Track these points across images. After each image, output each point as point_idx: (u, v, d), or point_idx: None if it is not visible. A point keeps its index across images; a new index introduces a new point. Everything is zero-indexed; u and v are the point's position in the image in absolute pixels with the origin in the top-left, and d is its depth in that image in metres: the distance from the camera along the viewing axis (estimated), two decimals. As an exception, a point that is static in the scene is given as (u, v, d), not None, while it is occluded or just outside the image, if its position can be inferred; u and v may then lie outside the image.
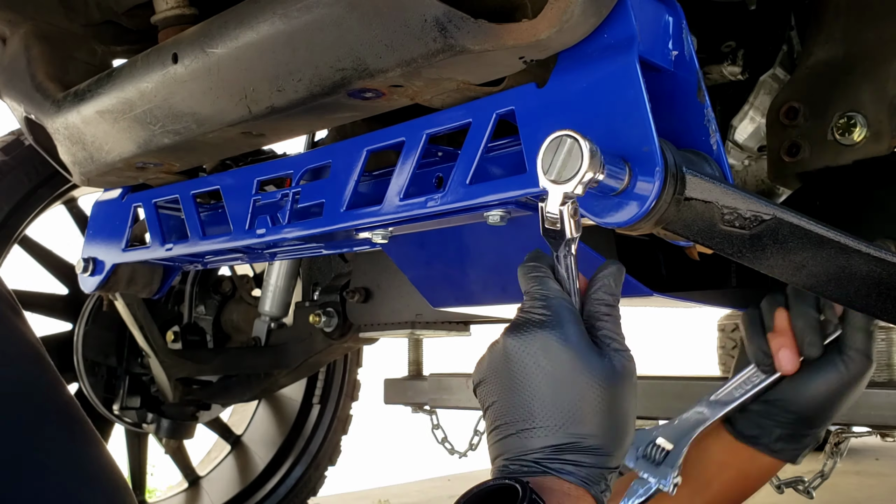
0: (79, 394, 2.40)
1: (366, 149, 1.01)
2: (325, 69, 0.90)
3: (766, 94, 1.29)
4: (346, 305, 2.03)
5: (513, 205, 0.91)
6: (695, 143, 0.85)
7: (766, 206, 0.81)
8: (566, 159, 0.68)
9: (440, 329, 1.93)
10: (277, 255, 1.42)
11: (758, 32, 1.30)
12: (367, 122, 1.17)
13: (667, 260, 1.54)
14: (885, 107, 1.06)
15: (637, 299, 1.03)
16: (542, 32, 0.75)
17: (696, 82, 0.85)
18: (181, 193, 1.28)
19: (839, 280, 0.87)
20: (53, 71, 1.30)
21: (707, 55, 1.29)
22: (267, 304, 2.18)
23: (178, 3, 1.18)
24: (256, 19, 0.94)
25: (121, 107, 1.14)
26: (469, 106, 0.91)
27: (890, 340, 1.29)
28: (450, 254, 1.12)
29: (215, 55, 0.99)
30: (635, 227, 0.76)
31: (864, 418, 1.21)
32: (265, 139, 1.13)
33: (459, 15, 0.78)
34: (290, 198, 1.11)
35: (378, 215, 0.99)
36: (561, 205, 0.70)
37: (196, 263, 1.52)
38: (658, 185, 0.73)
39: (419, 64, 0.83)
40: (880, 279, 0.86)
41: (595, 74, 0.79)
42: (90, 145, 1.25)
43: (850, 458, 5.29)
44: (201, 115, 1.07)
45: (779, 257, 0.85)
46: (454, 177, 0.91)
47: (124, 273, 1.52)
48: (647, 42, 0.80)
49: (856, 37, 1.11)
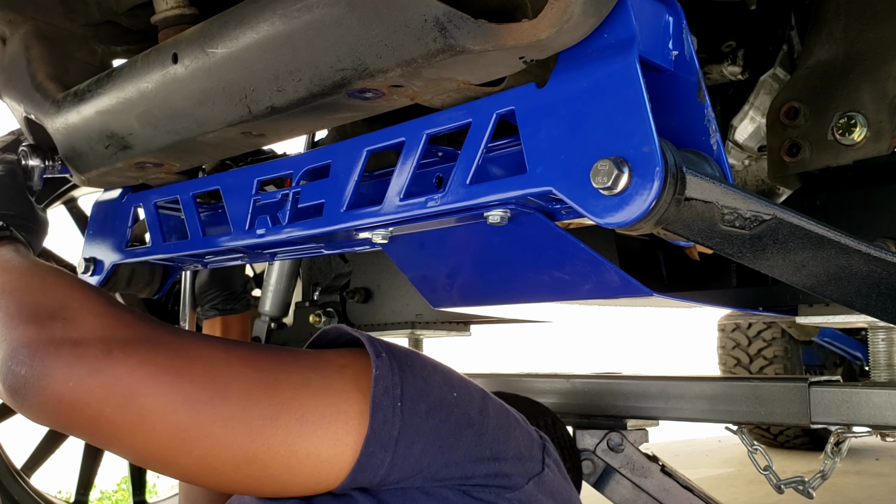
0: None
1: (366, 149, 1.01)
2: (325, 69, 0.90)
3: (766, 93, 1.29)
4: (346, 305, 2.03)
5: (513, 205, 0.91)
6: (695, 143, 0.85)
7: (766, 206, 0.81)
8: None
9: (440, 329, 1.93)
10: (277, 255, 1.42)
11: (758, 32, 1.30)
12: (368, 122, 1.17)
13: (667, 260, 1.54)
14: (885, 107, 1.06)
15: (637, 299, 1.03)
16: (543, 32, 0.75)
17: (697, 82, 0.85)
18: (181, 193, 1.28)
19: (839, 280, 0.87)
20: (53, 71, 1.30)
21: (707, 55, 1.29)
22: (267, 304, 2.18)
23: (178, 3, 1.18)
24: (256, 19, 0.94)
25: (121, 107, 1.14)
26: (469, 106, 0.91)
27: (890, 340, 1.29)
28: (450, 254, 1.12)
29: (215, 55, 0.99)
30: (635, 228, 0.76)
31: (864, 418, 1.22)
32: (265, 139, 1.13)
33: (459, 15, 0.78)
34: (291, 198, 1.11)
35: (378, 215, 0.99)
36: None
37: (196, 263, 1.52)
38: (658, 186, 0.73)
39: (419, 64, 0.83)
40: (880, 279, 0.86)
41: (595, 74, 0.79)
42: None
43: (850, 458, 5.30)
44: (201, 115, 1.07)
45: (779, 257, 0.85)
46: (454, 177, 0.91)
47: (124, 273, 1.52)
48: (648, 42, 0.80)
49: (856, 37, 1.11)
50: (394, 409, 0.81)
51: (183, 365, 0.80)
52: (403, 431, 0.81)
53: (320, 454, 0.80)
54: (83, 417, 0.79)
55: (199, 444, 0.78)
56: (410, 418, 0.81)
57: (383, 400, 0.81)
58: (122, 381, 0.77)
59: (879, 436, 1.28)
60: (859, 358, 5.28)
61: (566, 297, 1.07)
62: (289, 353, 0.87)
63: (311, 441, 0.80)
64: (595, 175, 0.76)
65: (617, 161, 0.74)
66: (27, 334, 0.81)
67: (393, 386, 0.82)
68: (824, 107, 1.11)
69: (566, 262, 1.01)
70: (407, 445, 0.81)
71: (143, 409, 0.77)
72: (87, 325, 0.81)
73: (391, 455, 0.80)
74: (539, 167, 0.83)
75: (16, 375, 0.79)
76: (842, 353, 5.33)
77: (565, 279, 1.03)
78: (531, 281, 1.07)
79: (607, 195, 0.76)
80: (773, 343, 5.09)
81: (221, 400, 0.79)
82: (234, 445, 0.78)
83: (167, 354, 0.81)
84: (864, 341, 1.67)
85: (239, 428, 0.78)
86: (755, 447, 1.42)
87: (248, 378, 0.81)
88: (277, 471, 0.80)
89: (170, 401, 0.78)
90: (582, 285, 1.02)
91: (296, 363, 0.85)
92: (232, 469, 0.80)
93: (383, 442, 0.80)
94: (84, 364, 0.78)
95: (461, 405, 0.87)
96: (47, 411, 0.80)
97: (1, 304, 0.88)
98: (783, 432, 5.40)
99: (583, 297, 1.04)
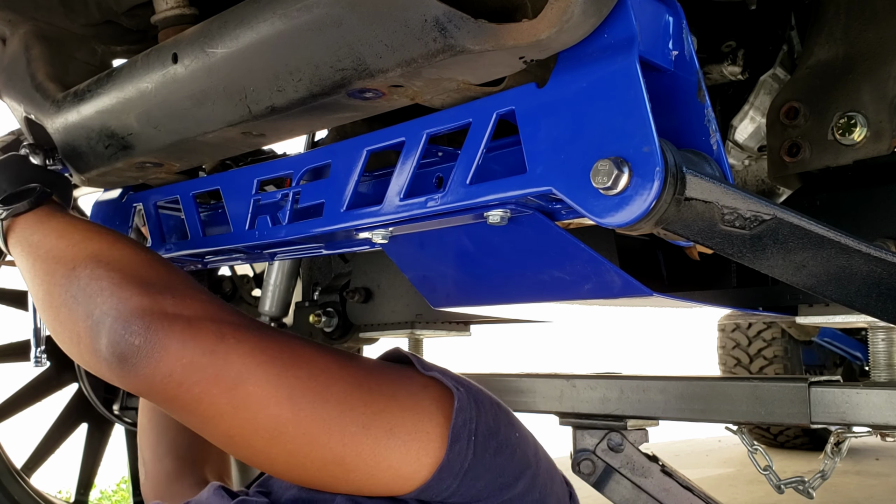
0: (79, 394, 2.40)
1: (366, 149, 1.01)
2: (325, 69, 0.90)
3: (766, 93, 1.29)
4: (346, 305, 2.03)
5: (513, 205, 0.91)
6: (695, 143, 0.85)
7: (766, 206, 0.81)
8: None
9: (440, 329, 1.93)
10: (277, 255, 1.42)
11: (758, 32, 1.30)
12: (368, 122, 1.17)
13: (667, 260, 1.54)
14: (885, 107, 1.06)
15: (637, 299, 1.03)
16: (543, 32, 0.75)
17: (697, 82, 0.85)
18: (181, 193, 1.28)
19: (839, 280, 0.87)
20: (53, 71, 1.30)
21: (707, 55, 1.29)
22: (267, 304, 2.18)
23: (178, 3, 1.18)
24: (256, 19, 0.94)
25: (121, 107, 1.14)
26: (469, 106, 0.91)
27: (890, 340, 1.29)
28: (450, 254, 1.12)
29: (215, 55, 0.99)
30: (635, 228, 0.76)
31: (864, 418, 1.21)
32: (265, 139, 1.13)
33: (459, 15, 0.78)
34: (291, 198, 1.11)
35: (378, 215, 0.99)
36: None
37: (196, 263, 1.52)
38: (658, 186, 0.73)
39: (419, 64, 0.83)
40: (880, 279, 0.86)
41: (595, 74, 0.79)
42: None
43: (850, 458, 5.30)
44: (201, 115, 1.07)
45: (779, 257, 0.85)
46: (454, 177, 0.91)
47: (124, 273, 1.52)
48: (648, 42, 0.80)
49: (856, 37, 1.11)
50: (469, 442, 0.83)
51: (290, 359, 0.81)
52: (473, 465, 0.83)
53: (400, 468, 0.82)
54: (189, 395, 0.79)
55: (294, 440, 0.80)
56: (481, 454, 0.84)
57: (462, 432, 0.83)
58: (234, 366, 0.78)
59: (879, 436, 1.28)
60: (859, 358, 5.28)
61: (566, 297, 1.07)
62: (376, 364, 0.89)
63: (395, 454, 0.82)
64: (595, 175, 0.76)
65: (617, 161, 0.74)
66: (141, 304, 0.81)
67: (470, 420, 0.85)
68: (824, 107, 1.11)
69: (566, 262, 1.01)
70: (473, 479, 0.83)
71: (250, 396, 0.78)
72: (197, 304, 0.82)
73: (458, 483, 0.83)
74: (539, 167, 0.83)
75: (129, 344, 0.79)
76: (842, 353, 5.33)
77: (565, 279, 1.03)
78: (531, 281, 1.07)
79: (607, 195, 0.76)
80: (773, 343, 5.09)
81: (322, 401, 0.80)
82: (326, 447, 0.80)
83: (275, 347, 0.82)
84: (864, 341, 1.67)
85: (334, 431, 0.80)
86: (755, 447, 1.42)
87: (346, 383, 0.83)
88: (359, 476, 0.82)
89: (276, 392, 0.79)
90: (582, 285, 1.02)
91: (384, 375, 0.87)
92: (318, 468, 0.81)
93: (455, 471, 0.82)
94: (199, 343, 0.79)
95: (521, 446, 0.89)
96: (154, 383, 0.80)
97: (100, 271, 0.87)
98: (783, 432, 5.40)
99: (583, 297, 1.04)
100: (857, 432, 1.28)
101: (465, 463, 0.83)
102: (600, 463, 1.49)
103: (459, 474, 0.83)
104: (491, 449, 0.85)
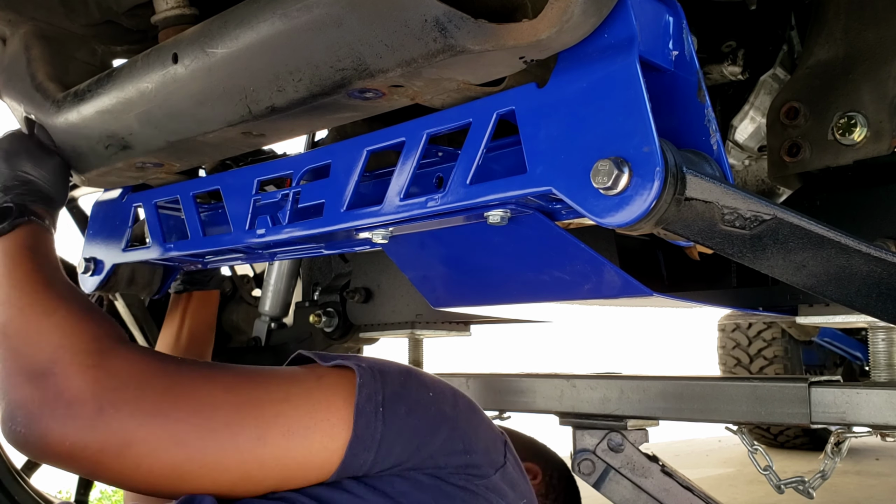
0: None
1: (366, 149, 1.01)
2: (325, 69, 0.90)
3: (766, 94, 1.29)
4: (346, 305, 2.03)
5: (513, 205, 0.91)
6: (695, 143, 0.85)
7: (766, 206, 0.81)
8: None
9: (440, 329, 1.93)
10: (277, 255, 1.42)
11: (758, 32, 1.30)
12: (368, 122, 1.17)
13: (667, 260, 1.54)
14: (885, 107, 1.06)
15: (637, 299, 1.03)
16: (543, 32, 0.75)
17: (697, 82, 0.85)
18: (181, 193, 1.28)
19: (839, 280, 0.87)
20: (53, 71, 1.30)
21: (707, 55, 1.29)
22: (267, 304, 2.18)
23: (178, 3, 1.18)
24: (256, 19, 0.94)
25: (121, 107, 1.14)
26: (469, 106, 0.91)
27: (890, 340, 1.29)
28: (450, 254, 1.12)
29: (215, 55, 0.99)
30: (635, 228, 0.76)
31: (864, 418, 1.21)
32: (265, 139, 1.13)
33: (459, 15, 0.78)
34: (291, 198, 1.11)
35: (378, 215, 0.99)
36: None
37: (196, 263, 1.52)
38: (658, 186, 0.73)
39: (419, 64, 0.83)
40: (880, 279, 0.86)
41: (595, 74, 0.79)
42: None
43: (850, 458, 5.30)
44: (201, 115, 1.07)
45: (779, 257, 0.85)
46: (454, 177, 0.91)
47: (124, 273, 1.52)
48: (648, 42, 0.80)
49: (856, 37, 1.11)
50: (376, 414, 0.87)
51: (171, 404, 0.85)
52: (385, 434, 0.87)
53: (309, 461, 0.86)
54: (85, 466, 0.85)
55: (196, 474, 0.84)
56: (392, 421, 0.88)
57: (366, 406, 0.87)
58: (115, 435, 0.83)
59: (879, 436, 1.28)
60: (859, 358, 5.28)
61: (566, 297, 1.07)
62: (268, 372, 0.93)
63: (298, 452, 0.86)
64: (595, 175, 0.76)
65: (617, 161, 0.74)
66: (22, 395, 0.87)
67: (376, 392, 0.89)
68: (824, 107, 1.11)
69: (566, 262, 1.01)
70: (388, 447, 0.87)
71: (139, 455, 0.83)
72: (78, 381, 0.86)
73: (373, 455, 0.87)
74: (539, 167, 0.83)
75: (16, 434, 0.86)
76: (842, 353, 5.33)
77: (565, 279, 1.03)
78: (531, 281, 1.07)
79: (607, 195, 0.76)
80: (773, 343, 5.09)
81: (209, 431, 0.85)
82: (229, 470, 0.85)
83: (154, 398, 0.86)
84: (864, 341, 1.67)
85: (230, 454, 0.85)
86: (755, 447, 1.42)
87: (231, 404, 0.87)
88: (274, 480, 0.87)
89: (162, 443, 0.84)
90: (582, 285, 1.02)
91: (274, 380, 0.91)
92: (231, 486, 0.86)
93: (366, 445, 0.86)
94: (78, 424, 0.84)
95: (436, 402, 0.93)
96: (51, 461, 0.87)
97: (1, 349, 0.94)
98: (783, 432, 5.40)
99: (583, 297, 1.04)
100: (857, 432, 1.28)
101: (376, 434, 0.87)
102: (600, 463, 1.49)
103: (373, 446, 0.86)
104: (401, 412, 0.89)
